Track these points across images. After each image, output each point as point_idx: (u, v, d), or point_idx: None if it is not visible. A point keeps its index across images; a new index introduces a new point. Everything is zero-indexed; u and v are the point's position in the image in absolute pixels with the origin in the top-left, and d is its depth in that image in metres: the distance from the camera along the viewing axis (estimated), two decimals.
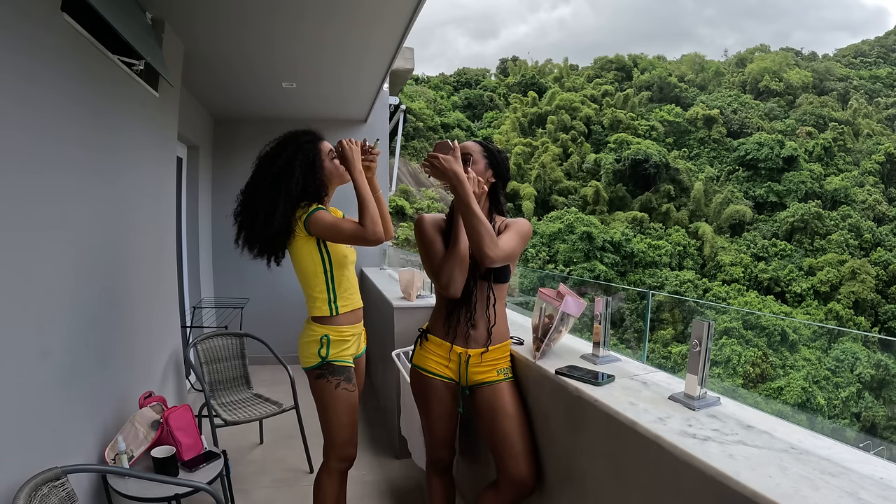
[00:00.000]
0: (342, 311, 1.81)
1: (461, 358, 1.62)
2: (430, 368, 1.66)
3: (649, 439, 1.07)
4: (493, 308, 1.61)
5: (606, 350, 1.59)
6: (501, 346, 1.65)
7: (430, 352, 1.67)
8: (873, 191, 30.26)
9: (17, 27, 1.36)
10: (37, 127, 1.47)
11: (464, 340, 1.62)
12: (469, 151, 1.63)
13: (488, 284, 1.61)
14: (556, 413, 1.48)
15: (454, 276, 1.57)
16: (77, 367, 1.71)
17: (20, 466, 1.33)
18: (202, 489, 1.67)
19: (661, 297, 21.15)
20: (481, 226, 1.44)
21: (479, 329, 1.61)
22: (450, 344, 1.63)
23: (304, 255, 1.77)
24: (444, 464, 1.80)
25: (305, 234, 1.74)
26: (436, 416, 1.69)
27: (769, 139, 31.90)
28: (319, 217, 1.72)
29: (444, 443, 1.75)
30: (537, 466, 1.59)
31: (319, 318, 1.79)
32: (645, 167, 30.90)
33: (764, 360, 18.78)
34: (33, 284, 1.46)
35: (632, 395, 1.29)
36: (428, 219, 1.68)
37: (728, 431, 1.06)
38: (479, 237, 1.44)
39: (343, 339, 1.81)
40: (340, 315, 1.81)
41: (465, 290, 1.60)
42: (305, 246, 1.76)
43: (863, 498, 0.82)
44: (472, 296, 1.60)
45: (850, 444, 1.11)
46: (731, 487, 0.87)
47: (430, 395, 1.67)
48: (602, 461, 1.27)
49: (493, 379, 1.62)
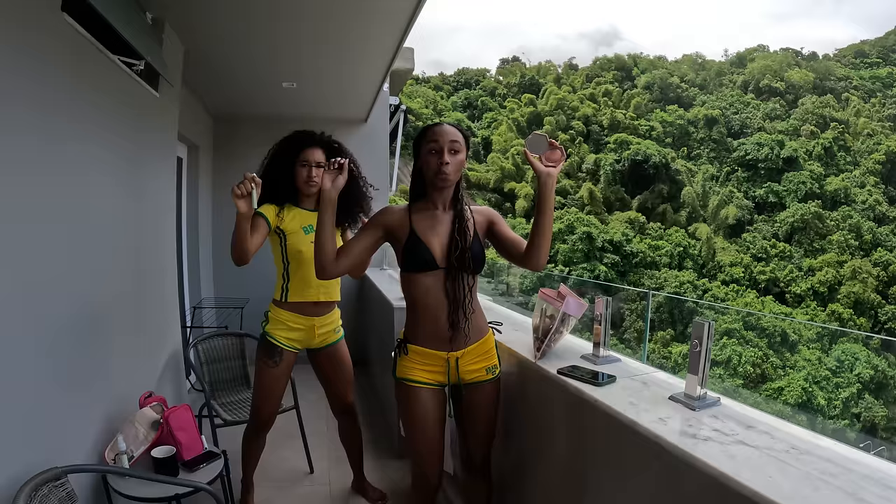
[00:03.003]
0: (290, 299, 2.08)
1: (450, 361, 1.56)
2: (417, 378, 1.57)
3: (650, 439, 1.07)
4: (470, 303, 1.53)
5: (607, 350, 1.58)
6: (486, 338, 1.61)
7: (415, 361, 1.57)
8: (874, 191, 30.26)
9: (16, 27, 1.36)
10: (35, 127, 1.47)
11: (449, 343, 1.53)
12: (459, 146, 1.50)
13: (468, 279, 1.53)
14: (557, 413, 1.48)
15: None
16: (77, 366, 1.71)
17: (20, 466, 1.33)
18: (202, 489, 1.67)
19: (661, 298, 21.14)
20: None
21: (461, 326, 1.51)
22: (435, 350, 1.54)
23: (271, 246, 2.12)
24: (432, 483, 1.64)
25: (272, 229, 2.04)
26: (424, 426, 1.58)
27: (769, 139, 31.90)
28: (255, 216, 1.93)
29: (433, 456, 1.62)
30: (536, 467, 1.59)
31: (274, 299, 2.12)
32: (645, 168, 30.89)
33: (764, 361, 18.78)
34: (33, 284, 1.46)
35: (632, 395, 1.29)
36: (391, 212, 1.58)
37: (728, 432, 1.06)
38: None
39: (282, 322, 2.09)
40: (288, 303, 2.09)
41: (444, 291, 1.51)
42: (271, 238, 2.09)
43: (863, 498, 0.82)
44: (452, 295, 1.51)
45: (851, 444, 1.11)
46: (731, 488, 0.87)
47: (417, 405, 1.57)
48: (602, 461, 1.27)
49: (482, 378, 1.59)
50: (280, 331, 2.10)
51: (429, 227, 1.53)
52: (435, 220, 1.54)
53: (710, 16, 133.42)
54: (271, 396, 2.13)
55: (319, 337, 2.17)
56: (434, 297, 1.51)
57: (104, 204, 1.96)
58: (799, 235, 27.91)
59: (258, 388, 2.13)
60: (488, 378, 1.60)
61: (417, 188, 1.58)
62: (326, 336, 2.19)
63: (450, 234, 1.52)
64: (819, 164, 31.49)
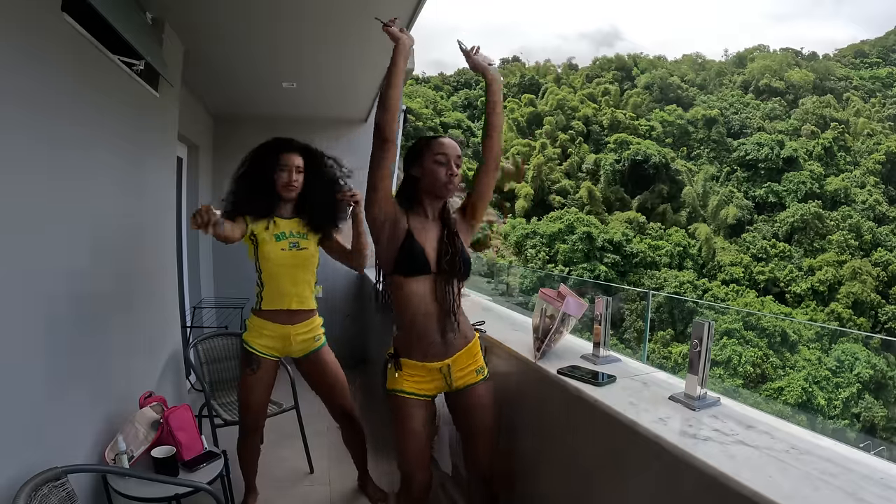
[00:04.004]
0: (264, 307, 2.10)
1: (443, 370, 1.57)
2: (407, 389, 1.58)
3: (650, 439, 1.07)
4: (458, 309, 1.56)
5: (607, 350, 1.58)
6: (474, 342, 1.62)
7: (407, 374, 1.58)
8: (874, 191, 30.24)
9: (16, 27, 1.36)
10: (36, 127, 1.47)
11: (441, 352, 1.55)
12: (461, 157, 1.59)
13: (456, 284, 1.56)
14: (557, 413, 1.47)
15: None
16: (77, 366, 1.71)
17: (20, 466, 1.33)
18: (202, 489, 1.67)
19: (661, 298, 21.14)
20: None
21: (451, 334, 1.55)
22: (428, 363, 1.56)
23: (247, 251, 2.13)
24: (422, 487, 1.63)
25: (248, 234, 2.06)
26: (415, 436, 1.59)
27: (769, 139, 31.89)
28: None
29: (421, 463, 1.62)
30: (532, 468, 1.59)
31: (252, 307, 2.15)
32: (645, 168, 30.89)
33: (764, 361, 18.78)
34: (33, 284, 1.46)
35: (632, 395, 1.29)
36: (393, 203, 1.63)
37: (728, 432, 1.06)
38: None
39: (257, 330, 2.10)
40: (262, 310, 2.10)
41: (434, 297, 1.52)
42: (246, 242, 2.10)
43: (863, 498, 0.82)
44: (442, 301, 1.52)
45: (851, 444, 1.11)
46: (731, 488, 0.87)
47: (408, 417, 1.58)
48: (602, 461, 1.27)
49: (472, 381, 1.60)
50: (256, 338, 2.11)
51: (422, 231, 1.55)
52: (426, 226, 1.57)
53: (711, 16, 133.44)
54: (253, 403, 2.14)
55: (298, 345, 2.16)
56: (425, 303, 1.52)
57: (104, 204, 1.96)
58: (799, 235, 27.90)
59: (240, 395, 2.17)
60: (479, 379, 1.61)
61: (408, 195, 1.60)
62: (306, 344, 2.17)
63: (439, 240, 1.55)
64: (819, 164, 31.47)
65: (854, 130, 34.19)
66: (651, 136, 34.00)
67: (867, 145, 32.97)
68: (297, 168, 2.07)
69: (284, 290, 2.08)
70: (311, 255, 2.13)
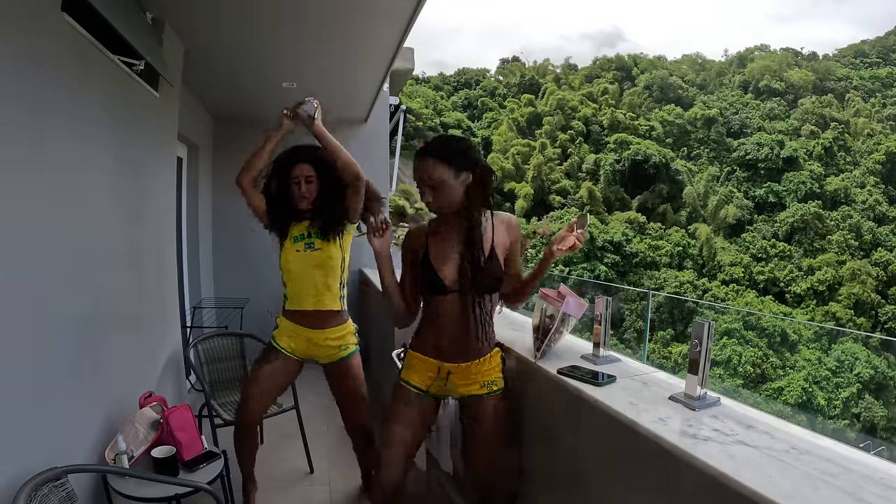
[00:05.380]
0: (288, 307, 2.19)
1: (441, 370, 1.57)
2: (405, 377, 1.64)
3: (649, 439, 1.07)
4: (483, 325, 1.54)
5: (607, 350, 1.58)
6: (485, 359, 1.58)
7: (414, 367, 1.62)
8: (874, 191, 30.22)
9: (16, 27, 1.36)
10: (36, 127, 1.47)
11: (445, 354, 1.57)
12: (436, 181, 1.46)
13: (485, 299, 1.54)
14: (557, 413, 1.48)
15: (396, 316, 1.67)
16: (77, 366, 1.71)
17: (20, 466, 1.33)
18: (202, 489, 1.67)
19: (661, 298, 21.14)
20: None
21: (463, 342, 1.54)
22: (429, 358, 1.58)
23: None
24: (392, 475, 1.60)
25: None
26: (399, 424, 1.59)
27: (769, 139, 31.86)
28: None
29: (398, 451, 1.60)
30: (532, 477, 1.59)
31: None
32: (645, 168, 30.87)
33: (764, 361, 18.77)
34: (32, 284, 1.46)
35: (632, 395, 1.29)
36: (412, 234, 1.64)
37: (728, 432, 1.06)
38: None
39: (283, 329, 2.20)
40: (286, 311, 2.20)
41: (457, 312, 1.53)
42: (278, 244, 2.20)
43: (863, 498, 0.82)
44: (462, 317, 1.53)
45: (851, 444, 1.11)
46: (731, 488, 0.87)
47: (399, 403, 1.61)
48: (602, 461, 1.27)
49: (478, 393, 1.58)
50: (280, 337, 2.20)
51: (442, 250, 1.55)
52: (451, 240, 1.54)
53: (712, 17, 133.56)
54: (253, 395, 2.19)
55: (323, 351, 2.20)
56: (445, 315, 1.55)
57: (104, 203, 1.96)
58: (799, 235, 27.87)
59: (244, 386, 2.26)
60: (483, 392, 1.58)
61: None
62: (333, 352, 2.21)
63: (460, 259, 1.52)
64: (819, 164, 31.43)
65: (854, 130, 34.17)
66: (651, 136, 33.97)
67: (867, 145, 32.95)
68: (308, 178, 2.10)
69: (301, 290, 2.15)
70: (327, 257, 2.13)
